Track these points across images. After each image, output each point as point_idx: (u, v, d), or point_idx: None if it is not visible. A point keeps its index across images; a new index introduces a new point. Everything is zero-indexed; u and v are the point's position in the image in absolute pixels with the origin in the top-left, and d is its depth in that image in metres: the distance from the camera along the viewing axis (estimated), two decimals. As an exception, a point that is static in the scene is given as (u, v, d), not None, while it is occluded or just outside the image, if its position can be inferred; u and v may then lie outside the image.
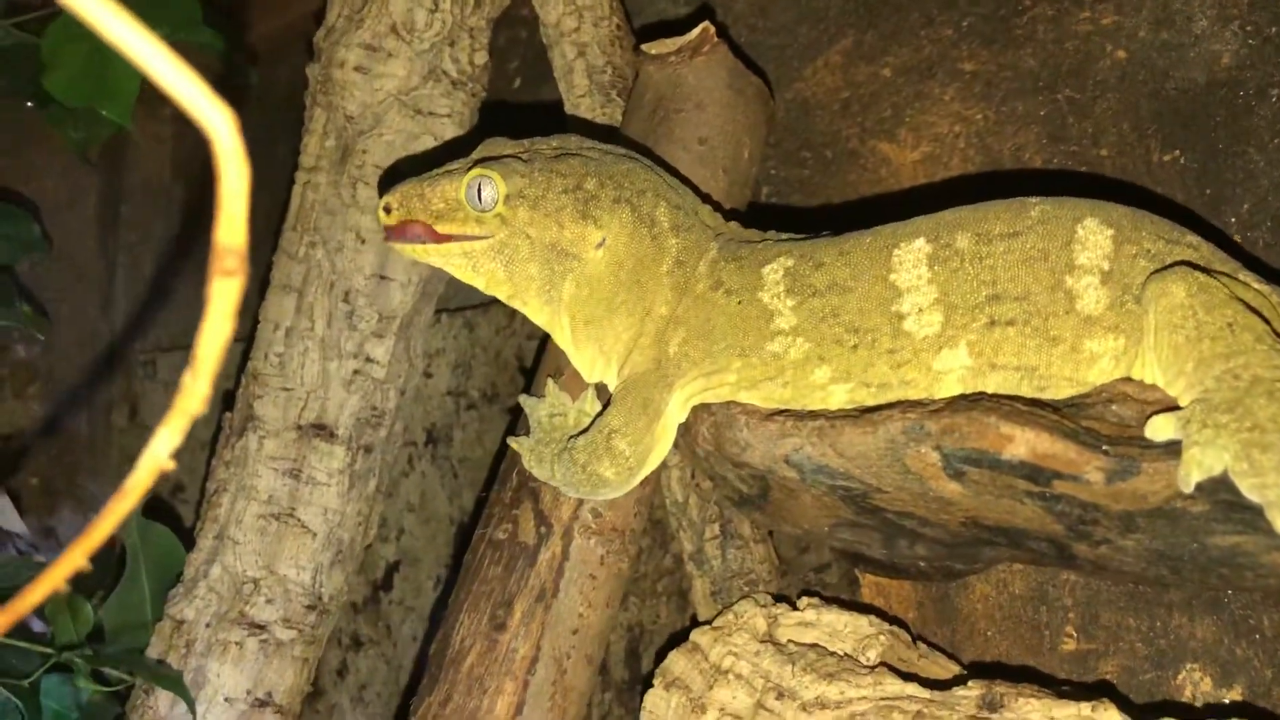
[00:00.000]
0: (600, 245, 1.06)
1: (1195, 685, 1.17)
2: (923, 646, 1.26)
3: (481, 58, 1.57)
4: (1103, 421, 0.91)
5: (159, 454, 0.52)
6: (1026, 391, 0.95)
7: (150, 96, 2.69)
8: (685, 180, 1.19)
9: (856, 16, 1.52)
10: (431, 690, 1.12)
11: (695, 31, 1.32)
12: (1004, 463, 0.89)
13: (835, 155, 1.52)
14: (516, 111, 1.85)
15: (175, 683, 1.40)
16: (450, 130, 1.54)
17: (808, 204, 1.54)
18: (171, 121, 2.73)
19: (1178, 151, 1.25)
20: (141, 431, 2.62)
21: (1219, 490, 0.85)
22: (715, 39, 1.32)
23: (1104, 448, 0.87)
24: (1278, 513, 0.81)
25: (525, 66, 1.89)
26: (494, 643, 1.11)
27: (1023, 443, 0.88)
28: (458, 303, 1.87)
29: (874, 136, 1.48)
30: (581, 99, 1.49)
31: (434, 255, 1.08)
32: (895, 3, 1.49)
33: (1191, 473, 0.83)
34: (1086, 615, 1.25)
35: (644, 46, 1.35)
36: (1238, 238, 1.19)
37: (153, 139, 2.71)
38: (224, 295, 0.47)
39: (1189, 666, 1.17)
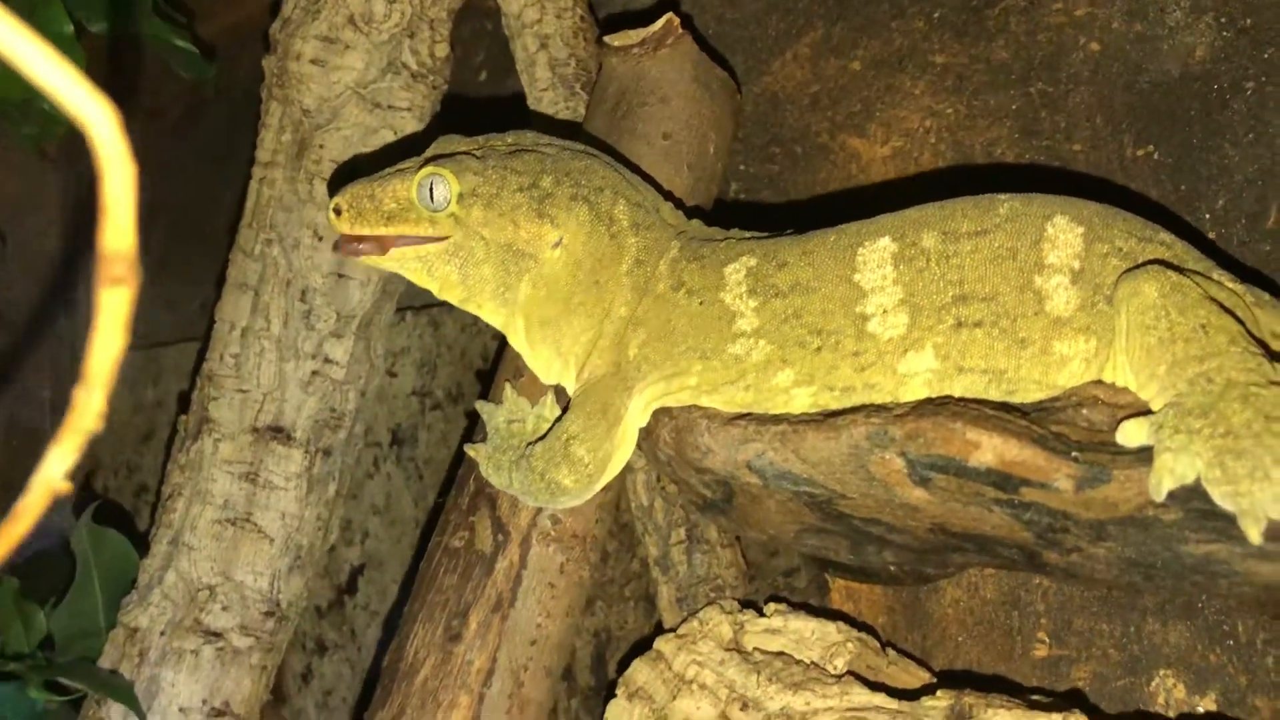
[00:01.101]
0: (557, 245, 1.02)
1: (1168, 692, 1.14)
2: (892, 653, 1.23)
3: (443, 50, 1.53)
4: (1073, 426, 0.88)
5: (52, 474, 0.48)
6: (995, 395, 0.92)
7: (110, 91, 2.64)
8: (646, 177, 1.16)
9: (826, 7, 1.49)
10: (384, 704, 1.08)
11: (659, 23, 1.28)
12: (971, 470, 0.86)
13: (805, 151, 1.48)
14: (481, 105, 1.81)
15: (125, 693, 1.35)
16: (410, 124, 1.50)
17: (777, 201, 1.51)
18: (134, 118, 2.68)
19: (1151, 146, 1.22)
20: (105, 433, 2.56)
21: (1192, 498, 0.82)
22: (680, 31, 1.29)
23: (1074, 454, 0.84)
24: (1251, 521, 0.78)
25: (490, 59, 1.85)
26: (448, 655, 1.07)
27: (990, 449, 0.85)
28: (422, 300, 1.83)
29: (844, 131, 1.45)
30: (544, 92, 1.45)
31: (388, 262, 1.04)
32: (865, -6, 1.45)
33: (1163, 480, 0.80)
34: (1059, 620, 1.22)
35: (607, 38, 1.32)
36: (1212, 234, 1.17)
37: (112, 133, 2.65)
38: (114, 305, 0.43)
39: (1162, 673, 1.15)
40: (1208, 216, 1.17)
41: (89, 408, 0.44)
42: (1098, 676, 1.19)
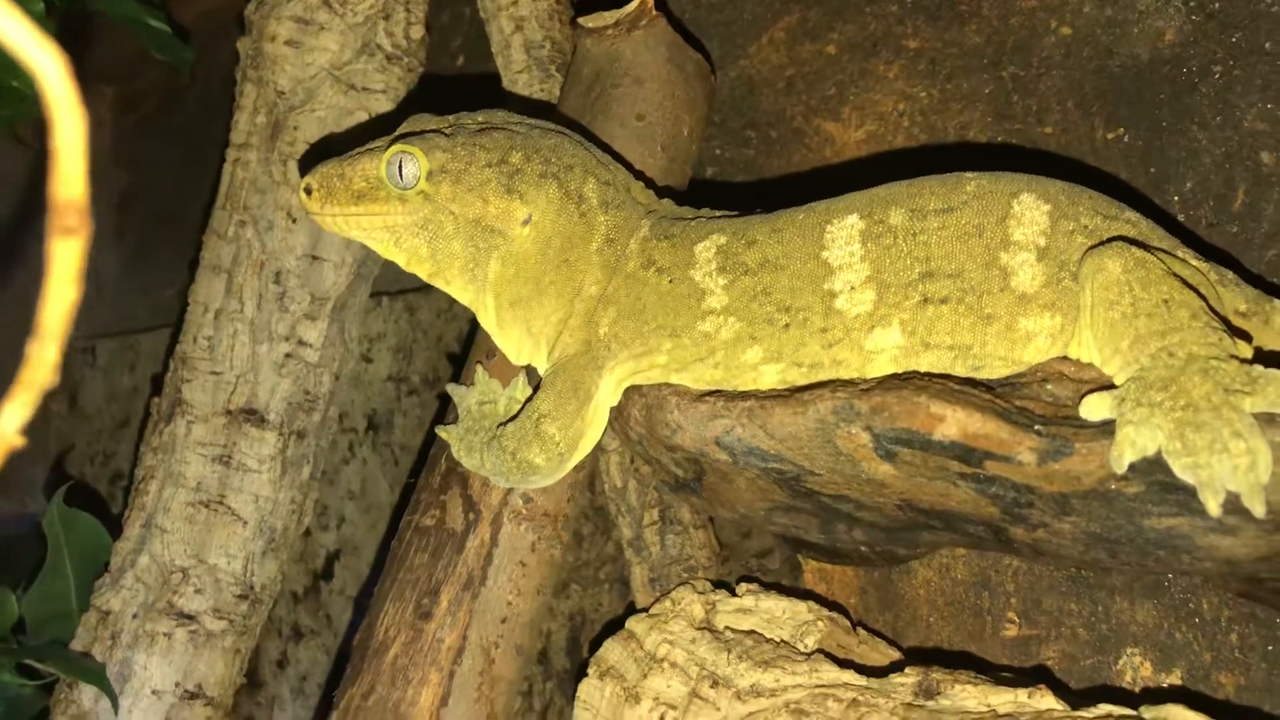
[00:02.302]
0: (526, 222, 1.02)
1: (1135, 670, 1.16)
2: (863, 632, 1.24)
3: (418, 31, 1.53)
4: (1037, 401, 0.89)
5: (7, 430, 0.48)
6: (961, 371, 0.92)
7: (88, 79, 2.62)
8: (617, 156, 1.16)
9: (801, -8, 1.49)
10: (354, 681, 1.08)
11: (633, 5, 1.28)
12: (935, 443, 0.87)
13: (780, 134, 1.49)
14: (458, 88, 1.81)
15: (97, 676, 1.35)
16: (385, 106, 1.49)
17: (751, 180, 1.51)
18: (110, 104, 2.67)
19: (1122, 129, 1.23)
20: (81, 420, 2.55)
21: (1153, 471, 0.83)
22: (654, 12, 1.29)
23: (1036, 428, 0.85)
24: (1210, 494, 0.79)
25: (468, 42, 1.85)
26: (419, 632, 1.07)
27: (954, 423, 0.85)
28: (398, 285, 1.83)
29: (818, 115, 1.45)
30: (519, 74, 1.45)
31: (354, 228, 1.04)
32: (840, -22, 1.46)
33: (1125, 453, 0.81)
34: (1028, 600, 1.23)
35: (581, 20, 1.32)
36: (1181, 216, 1.18)
37: (91, 122, 2.64)
38: (66, 255, 0.43)
39: (1129, 651, 1.16)
40: (1176, 198, 1.18)
41: (43, 361, 0.44)
42: (1066, 655, 1.20)
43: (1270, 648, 1.08)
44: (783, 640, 1.18)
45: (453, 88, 1.82)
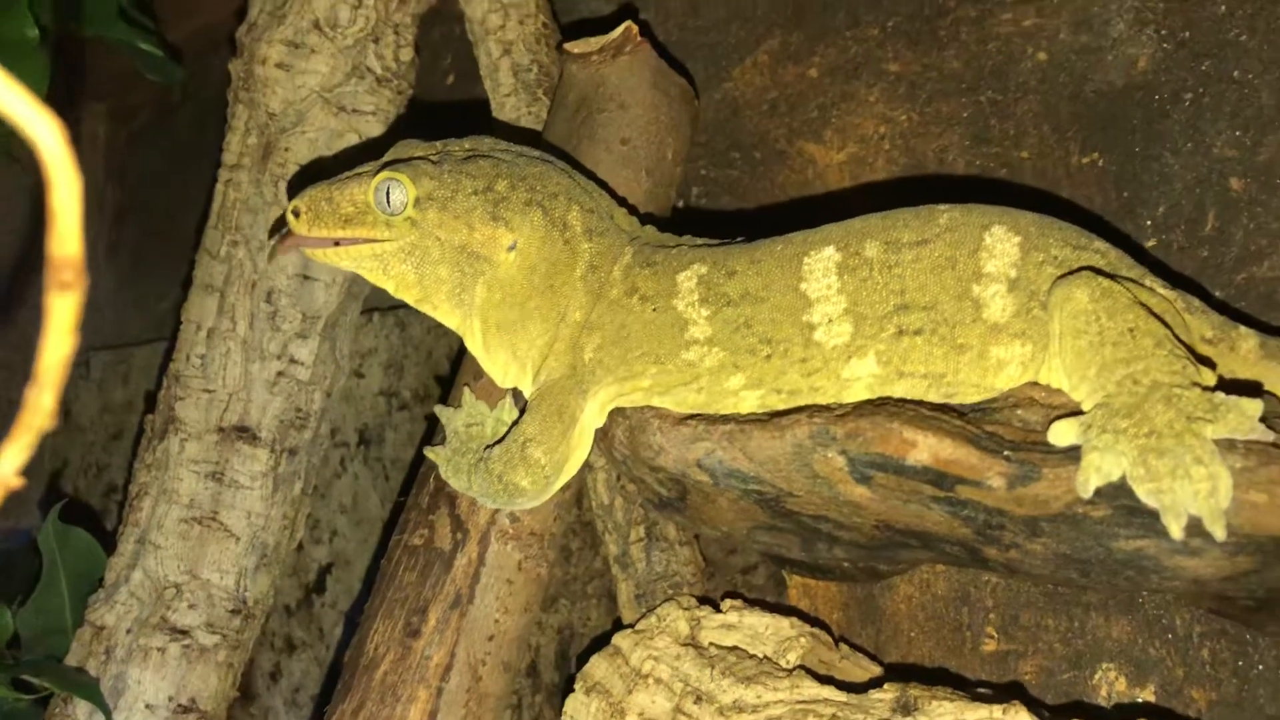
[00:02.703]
0: (512, 248, 1.04)
1: (1110, 685, 1.18)
2: (845, 648, 1.26)
3: (407, 54, 1.55)
4: (1008, 426, 0.91)
5: (5, 472, 0.50)
6: (934, 397, 0.95)
7: (83, 97, 2.64)
8: (602, 183, 1.18)
9: (784, 16, 1.52)
10: (345, 698, 1.10)
11: (618, 31, 1.31)
12: (908, 468, 0.89)
13: (764, 156, 1.51)
14: (448, 109, 1.83)
15: (92, 691, 1.37)
16: (375, 128, 1.52)
17: (738, 205, 1.54)
18: (105, 119, 2.69)
19: (1097, 154, 1.25)
20: (75, 433, 2.57)
21: (1119, 495, 0.85)
22: (638, 39, 1.31)
23: (1005, 453, 0.87)
24: (1173, 518, 0.82)
25: (458, 63, 1.87)
26: (408, 650, 1.10)
27: (925, 448, 0.88)
28: (389, 302, 1.85)
29: (801, 137, 1.48)
30: (507, 97, 1.48)
31: (344, 258, 1.06)
32: (822, 3, 1.48)
33: (1090, 478, 0.83)
34: (1007, 616, 1.25)
35: (567, 45, 1.34)
36: (1153, 240, 1.20)
37: (86, 140, 2.66)
38: (62, 309, 0.46)
39: (1104, 666, 1.18)
40: (1149, 223, 1.21)
41: (40, 406, 0.46)
42: (1043, 670, 1.22)
43: (1240, 663, 1.11)
44: (765, 656, 1.20)
45: (443, 108, 1.84)
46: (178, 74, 1.91)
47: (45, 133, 0.43)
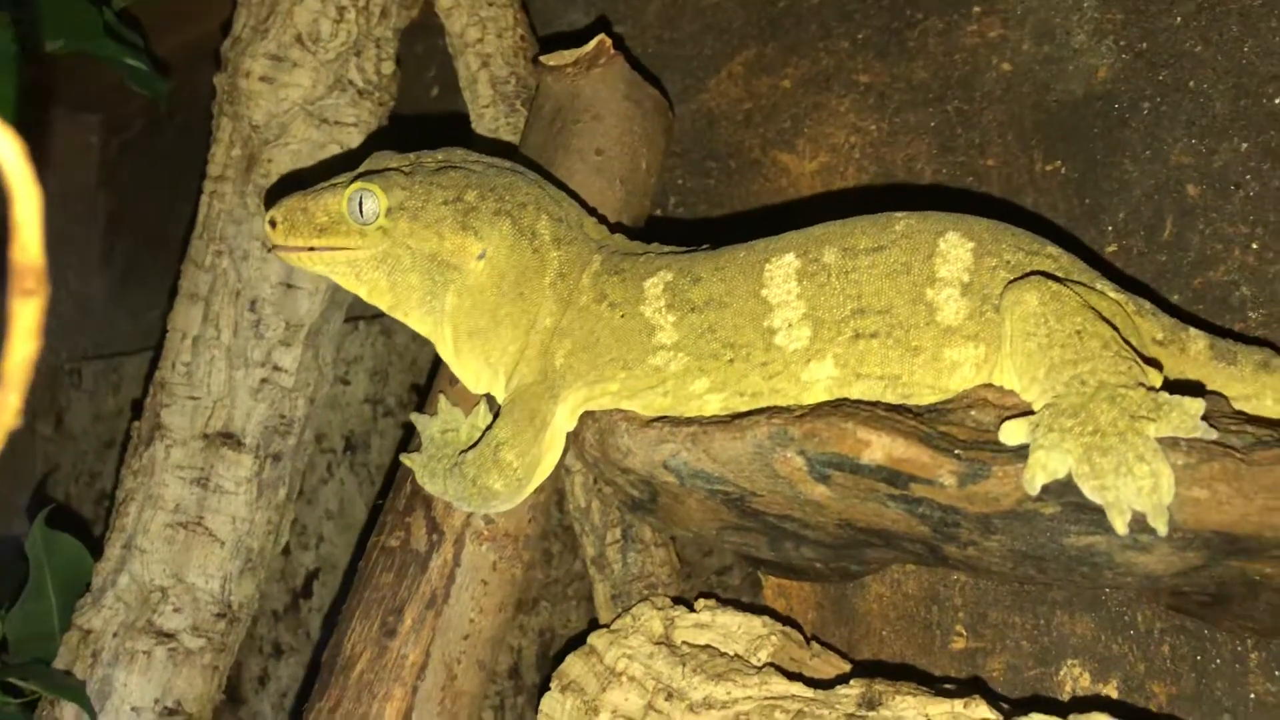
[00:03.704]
0: (481, 257, 1.07)
1: (1075, 681, 1.20)
2: (816, 646, 1.29)
3: (389, 67, 1.59)
4: (962, 426, 0.94)
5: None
6: (891, 399, 0.98)
7: (76, 104, 2.67)
8: (573, 193, 1.21)
9: (758, 28, 1.55)
10: (322, 696, 1.13)
11: (591, 44, 1.34)
12: (863, 466, 0.92)
13: (739, 166, 1.54)
14: (432, 121, 1.86)
15: (77, 693, 1.39)
16: (357, 139, 1.55)
17: (713, 214, 1.57)
18: (98, 130, 2.72)
19: (1059, 162, 1.28)
20: (67, 441, 2.60)
21: (1066, 492, 0.88)
22: (612, 51, 1.34)
23: (957, 452, 0.90)
24: (1117, 514, 0.84)
25: (442, 76, 1.90)
26: (384, 649, 1.12)
27: (879, 447, 0.90)
28: (375, 310, 1.87)
29: (775, 147, 1.51)
30: (486, 109, 1.51)
31: (318, 263, 1.09)
32: (795, 14, 1.51)
33: (1036, 475, 0.86)
34: (975, 614, 1.28)
35: (542, 58, 1.37)
36: (1114, 246, 1.23)
37: (78, 148, 2.69)
38: (25, 314, 0.48)
39: (1069, 663, 1.21)
40: (1110, 228, 1.24)
41: (6, 407, 0.49)
42: (1010, 667, 1.25)
43: (1199, 658, 1.13)
44: (736, 654, 1.22)
45: (427, 120, 1.87)
46: (163, 87, 1.94)
47: (5, 148, 0.46)
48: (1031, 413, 0.92)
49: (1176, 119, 1.20)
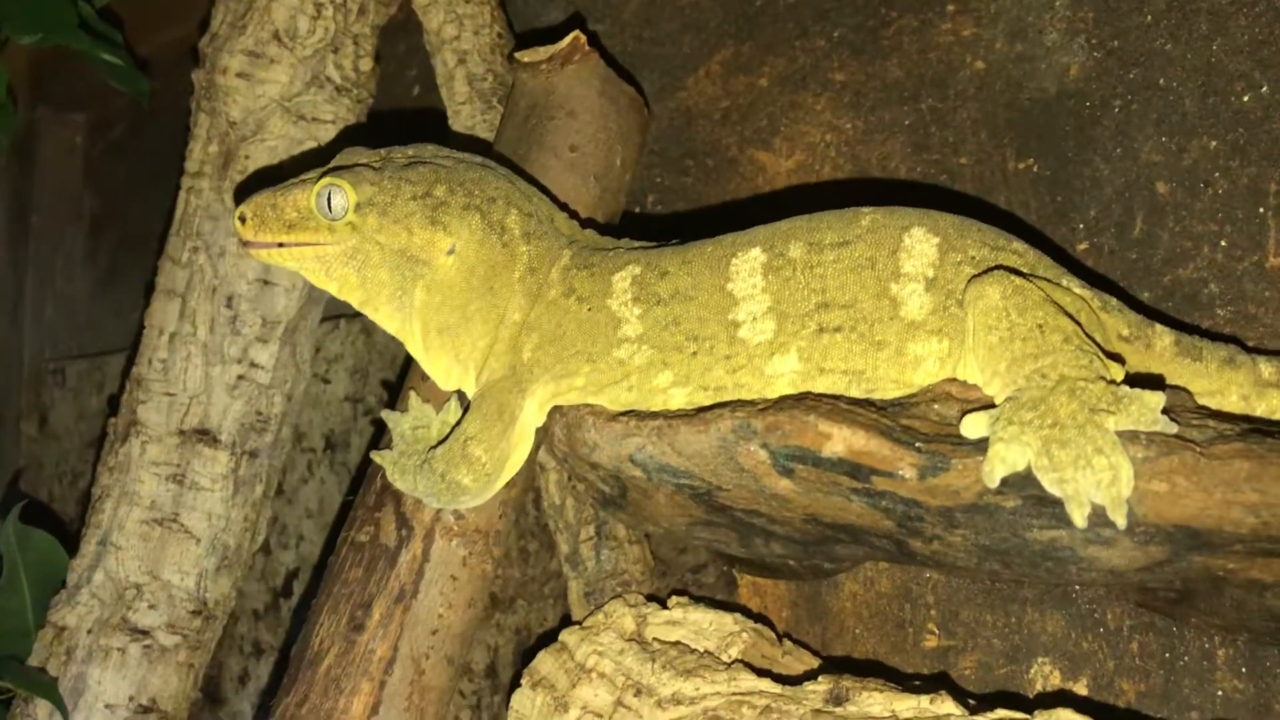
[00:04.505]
0: (450, 252, 1.07)
1: (1045, 679, 1.21)
2: (788, 643, 1.29)
3: (366, 64, 1.59)
4: (924, 420, 0.94)
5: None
6: (856, 393, 0.98)
7: (63, 103, 2.66)
8: (544, 189, 1.21)
9: (736, 27, 1.55)
10: (289, 691, 1.13)
11: (566, 41, 1.34)
12: (825, 460, 0.92)
13: (716, 164, 1.55)
14: (413, 117, 1.87)
15: (49, 690, 1.39)
16: (334, 135, 1.55)
17: (691, 210, 1.57)
18: (83, 129, 2.72)
19: (1032, 160, 1.29)
20: (51, 440, 2.59)
21: (1027, 485, 0.88)
22: (586, 48, 1.35)
23: (917, 445, 0.90)
24: (1076, 507, 0.84)
25: (423, 74, 1.90)
26: (352, 644, 1.12)
27: (840, 440, 0.90)
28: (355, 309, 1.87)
29: (752, 145, 1.51)
30: (463, 105, 1.51)
31: (288, 259, 1.09)
32: (772, 13, 1.52)
33: (995, 468, 0.86)
34: (947, 612, 1.28)
35: (517, 55, 1.37)
36: (1085, 243, 1.23)
37: (64, 147, 2.69)
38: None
39: (1040, 660, 1.21)
40: (1082, 226, 1.24)
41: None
42: (982, 665, 1.25)
43: (1167, 655, 1.14)
44: (707, 651, 1.22)
45: (408, 117, 1.87)
46: (144, 84, 1.94)
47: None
48: (994, 406, 0.92)
49: (1147, 117, 1.20)
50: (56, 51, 1.85)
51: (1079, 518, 0.84)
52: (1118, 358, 0.94)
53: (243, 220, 1.08)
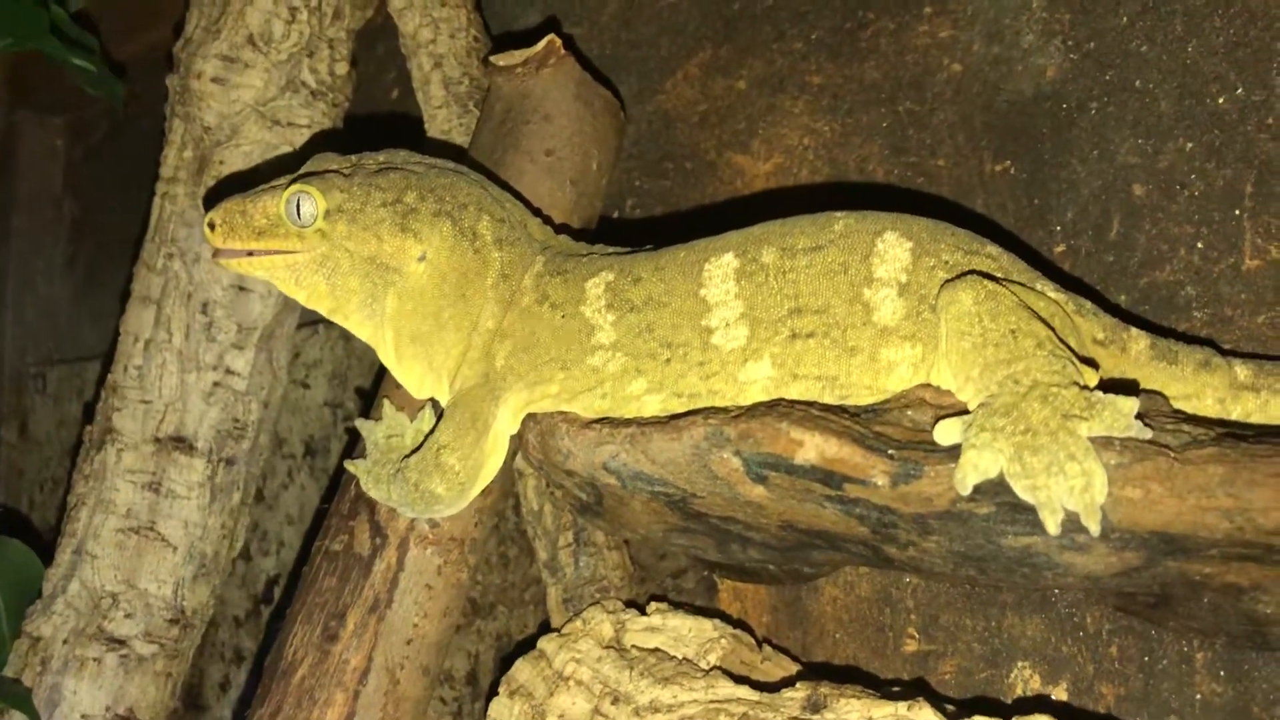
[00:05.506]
0: (421, 259, 1.06)
1: (1025, 683, 1.20)
2: (768, 649, 1.28)
3: (342, 68, 1.58)
4: (898, 426, 0.93)
5: None
6: (829, 399, 0.97)
7: (44, 107, 2.65)
8: (518, 194, 1.20)
9: (713, 30, 1.54)
10: (263, 702, 1.12)
11: (541, 44, 1.33)
12: (798, 467, 0.91)
13: (695, 167, 1.54)
14: (391, 122, 1.86)
15: (23, 701, 1.38)
16: (308, 140, 1.54)
17: (670, 213, 1.56)
18: (64, 133, 2.70)
19: (1009, 162, 1.28)
20: (31, 447, 2.57)
21: (1000, 492, 0.87)
22: (562, 52, 1.34)
23: (890, 452, 0.89)
24: (1049, 513, 0.84)
25: (402, 77, 1.89)
26: (326, 654, 1.11)
27: (812, 447, 0.90)
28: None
29: (730, 148, 1.50)
30: (439, 109, 1.50)
31: (258, 268, 1.08)
32: (749, 16, 1.51)
33: (967, 475, 0.85)
34: (927, 616, 1.27)
35: (493, 59, 1.36)
36: (1062, 246, 1.23)
37: (44, 151, 2.67)
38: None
39: (1020, 665, 1.21)
40: (1059, 228, 1.24)
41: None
42: (962, 670, 1.24)
43: (1146, 659, 1.13)
44: (685, 658, 1.22)
45: (386, 121, 1.86)
46: (118, 89, 1.92)
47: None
48: (968, 412, 0.91)
49: (1123, 119, 1.20)
50: (36, 55, 1.83)
51: (1052, 525, 0.84)
52: (1092, 362, 0.93)
53: (212, 226, 1.07)
